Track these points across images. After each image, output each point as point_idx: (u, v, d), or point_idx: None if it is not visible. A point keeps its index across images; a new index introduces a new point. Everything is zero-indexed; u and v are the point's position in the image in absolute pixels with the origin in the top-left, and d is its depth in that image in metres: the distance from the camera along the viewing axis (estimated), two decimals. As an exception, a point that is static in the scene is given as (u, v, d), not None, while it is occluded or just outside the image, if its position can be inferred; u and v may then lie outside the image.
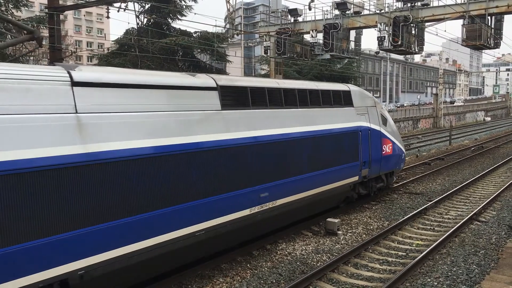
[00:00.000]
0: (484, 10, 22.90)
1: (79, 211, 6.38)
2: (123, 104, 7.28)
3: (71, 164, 6.30)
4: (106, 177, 6.72)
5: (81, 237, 6.42)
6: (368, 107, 14.46)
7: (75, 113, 6.58)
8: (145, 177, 7.25)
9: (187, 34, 25.89)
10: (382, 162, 14.77)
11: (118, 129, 7.07)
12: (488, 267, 9.58)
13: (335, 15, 27.73)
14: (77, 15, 77.75)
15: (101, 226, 6.64)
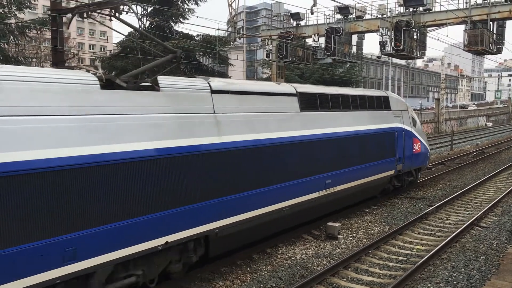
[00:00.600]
0: (486, 15, 22.94)
1: (217, 185, 8.55)
2: (240, 106, 9.48)
3: (213, 151, 8.53)
4: (232, 160, 8.90)
5: (217, 205, 8.60)
6: (402, 110, 16.56)
7: (213, 113, 8.77)
8: (256, 161, 9.46)
9: (189, 37, 25.96)
10: (412, 159, 16.80)
11: (239, 125, 9.25)
12: (488, 272, 9.55)
13: (337, 20, 27.79)
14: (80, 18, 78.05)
15: (230, 197, 8.84)
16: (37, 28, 20.56)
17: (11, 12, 19.61)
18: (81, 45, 73.98)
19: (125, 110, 7.18)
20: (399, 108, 16.42)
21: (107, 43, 60.85)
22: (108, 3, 8.99)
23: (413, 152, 16.75)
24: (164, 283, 8.49)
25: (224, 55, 29.46)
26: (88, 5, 9.63)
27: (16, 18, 20.33)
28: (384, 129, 14.82)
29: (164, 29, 25.51)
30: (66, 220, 6.19)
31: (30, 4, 20.68)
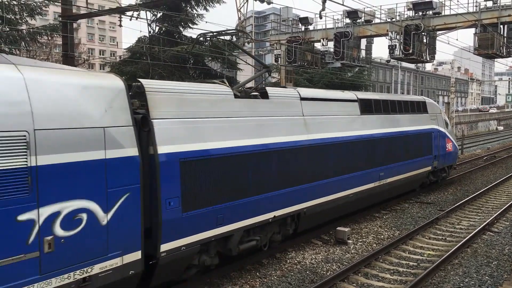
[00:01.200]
0: (497, 18, 22.75)
1: (306, 173, 10.76)
2: (319, 110, 11.73)
3: (304, 146, 10.76)
4: (316, 154, 11.12)
5: (306, 190, 10.81)
6: (437, 114, 18.77)
7: (302, 116, 11.06)
8: (331, 155, 11.68)
9: (198, 42, 26.06)
10: (445, 157, 18.94)
11: (319, 125, 11.46)
12: (500, 278, 9.45)
13: (346, 24, 27.74)
14: (90, 24, 78.77)
15: (315, 183, 11.07)
16: (48, 34, 20.76)
17: (23, 19, 19.85)
18: (91, 51, 74.63)
19: (250, 114, 9.55)
20: (435, 111, 18.65)
21: (117, 49, 61.31)
22: (116, 10, 9.11)
23: (446, 151, 18.93)
24: (175, 287, 8.50)
25: (233, 60, 29.49)
26: (97, 12, 9.73)
27: (27, 24, 20.57)
28: (423, 130, 17.09)
29: (173, 35, 25.63)
30: (220, 193, 8.52)
31: (41, 10, 20.89)
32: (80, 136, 6.29)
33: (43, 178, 5.84)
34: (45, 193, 5.86)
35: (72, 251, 6.19)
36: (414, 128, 16.37)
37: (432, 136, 17.60)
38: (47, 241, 5.89)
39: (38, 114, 5.84)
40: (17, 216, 5.61)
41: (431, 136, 17.54)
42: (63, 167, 6.08)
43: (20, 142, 5.62)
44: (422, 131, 16.92)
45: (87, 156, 6.34)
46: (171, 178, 7.60)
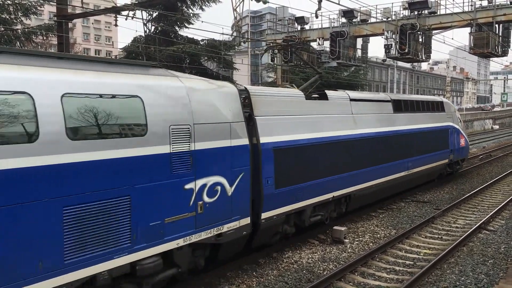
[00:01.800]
0: (492, 18, 22.84)
1: (355, 162, 12.87)
2: (363, 109, 13.74)
3: (353, 139, 12.87)
4: (362, 146, 13.23)
5: (356, 175, 12.88)
6: (452, 112, 20.73)
7: (351, 114, 13.14)
8: (373, 147, 13.78)
9: (194, 42, 25.99)
10: (459, 151, 20.93)
11: (364, 122, 13.55)
12: (497, 276, 9.48)
13: (341, 23, 27.78)
14: (85, 23, 78.53)
15: (361, 170, 13.14)
16: (43, 34, 20.67)
17: (18, 18, 19.75)
18: (87, 51, 74.42)
19: (317, 112, 11.68)
20: (450, 110, 20.67)
21: (113, 48, 61.17)
22: (112, 9, 9.16)
23: (460, 145, 20.92)
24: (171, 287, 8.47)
25: (229, 59, 29.47)
26: (93, 11, 9.75)
27: (22, 24, 20.47)
28: (441, 126, 19.11)
29: (169, 34, 25.59)
30: (298, 176, 10.59)
31: (36, 10, 20.80)
32: (217, 129, 8.44)
33: (197, 159, 7.95)
34: (198, 170, 7.98)
35: (212, 214, 8.31)
36: (434, 125, 18.39)
37: (448, 132, 19.69)
38: (199, 205, 8.03)
39: (195, 112, 7.98)
40: (184, 185, 7.72)
41: (448, 132, 19.61)
42: (208, 151, 8.17)
43: (186, 133, 7.75)
44: (440, 127, 18.98)
45: (221, 143, 8.49)
46: (268, 162, 9.75)
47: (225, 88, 9.09)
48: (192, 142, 7.83)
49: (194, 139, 7.88)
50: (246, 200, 9.12)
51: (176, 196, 7.59)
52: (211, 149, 8.24)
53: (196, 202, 7.93)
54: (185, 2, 26.19)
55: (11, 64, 5.96)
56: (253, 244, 9.91)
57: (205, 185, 8.10)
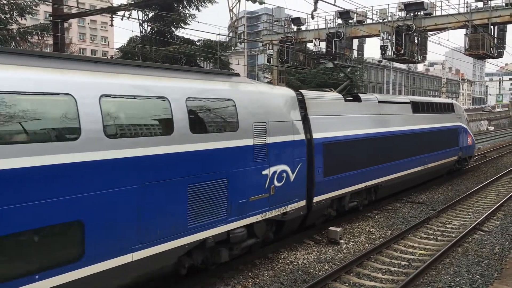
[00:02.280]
0: (487, 19, 22.93)
1: (382, 156, 14.64)
2: (388, 110, 15.63)
3: (381, 136, 14.69)
4: (389, 142, 15.06)
5: (383, 168, 14.73)
6: (461, 113, 22.54)
7: (379, 114, 14.95)
8: (399, 143, 15.72)
9: (190, 42, 25.96)
10: (467, 149, 22.80)
11: (389, 121, 15.40)
12: (491, 277, 9.52)
13: (338, 24, 27.82)
14: (81, 23, 78.30)
15: (387, 164, 14.99)
16: (39, 34, 20.60)
17: (13, 18, 19.67)
18: (82, 51, 74.23)
19: (353, 112, 13.60)
20: (459, 111, 22.44)
21: (108, 49, 61.04)
22: (108, 9, 9.20)
23: (468, 144, 22.73)
24: None
25: (226, 60, 29.45)
26: (88, 11, 9.77)
27: (17, 24, 20.39)
28: (452, 126, 20.88)
29: (165, 34, 25.54)
30: (340, 167, 12.41)
31: (32, 10, 20.71)
32: (283, 126, 10.28)
33: (270, 150, 9.76)
34: (271, 159, 9.79)
35: (280, 196, 10.10)
36: (446, 125, 20.16)
37: (458, 131, 21.44)
38: (271, 188, 9.83)
39: (268, 112, 9.86)
40: (262, 171, 9.55)
41: (457, 132, 21.38)
42: (277, 144, 9.97)
43: (263, 129, 9.63)
44: (451, 127, 20.78)
45: (286, 138, 10.31)
46: (319, 154, 11.61)
47: (286, 92, 11.07)
48: (267, 136, 9.73)
49: (268, 134, 9.79)
50: (303, 186, 11.02)
51: (257, 179, 9.48)
52: (279, 143, 10.14)
53: (270, 185, 9.80)
54: (181, 3, 26.14)
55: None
56: (306, 223, 11.85)
57: (275, 172, 9.94)
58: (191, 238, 8.00)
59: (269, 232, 10.39)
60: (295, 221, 11.07)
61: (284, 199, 10.26)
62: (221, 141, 8.58)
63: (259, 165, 9.46)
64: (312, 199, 11.44)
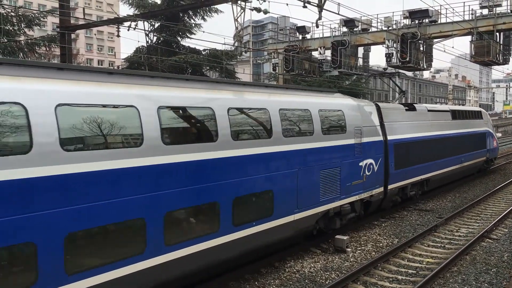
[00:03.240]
0: (492, 26, 22.92)
1: (432, 155, 17.76)
2: (434, 118, 18.64)
3: (431, 138, 17.93)
4: (437, 144, 18.10)
5: (432, 165, 17.89)
6: (488, 119, 25.83)
7: (429, 121, 18.13)
8: (443, 145, 18.80)
9: (196, 52, 26.14)
10: (493, 151, 26.01)
11: (436, 127, 18.48)
12: (500, 285, 9.43)
13: (343, 32, 27.90)
14: (88, 34, 78.96)
15: (435, 161, 18.09)
16: (46, 45, 20.80)
17: (21, 30, 19.88)
18: (89, 61, 74.81)
19: (410, 119, 16.78)
20: (486, 117, 25.68)
21: (115, 59, 61.46)
22: (114, 20, 9.29)
23: (493, 146, 25.91)
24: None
25: (231, 69, 29.59)
26: (95, 22, 9.87)
27: (25, 35, 20.61)
28: (481, 131, 23.99)
29: (171, 44, 25.74)
30: (404, 162, 15.53)
31: (40, 21, 20.94)
32: (371, 130, 13.62)
33: (363, 147, 13.03)
34: (364, 154, 13.04)
35: (369, 182, 13.41)
36: (476, 130, 23.21)
37: (486, 135, 24.53)
38: (364, 176, 13.08)
39: (363, 120, 13.25)
40: (359, 163, 12.83)
41: (485, 135, 24.45)
42: (367, 143, 13.29)
43: (359, 131, 12.89)
44: (480, 131, 23.89)
45: (372, 139, 13.63)
46: (391, 152, 14.88)
47: (370, 104, 14.59)
48: (362, 137, 12.98)
49: (362, 136, 13.05)
50: (382, 175, 14.34)
51: (356, 169, 12.78)
52: (369, 142, 13.47)
53: (363, 174, 13.10)
54: (187, 13, 26.35)
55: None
56: (382, 206, 15.12)
57: (366, 164, 13.22)
58: (322, 208, 11.44)
59: (361, 210, 13.59)
60: (377, 203, 14.44)
61: (371, 185, 13.61)
62: (337, 140, 11.97)
63: (357, 158, 12.79)
64: (387, 186, 14.73)
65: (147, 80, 7.93)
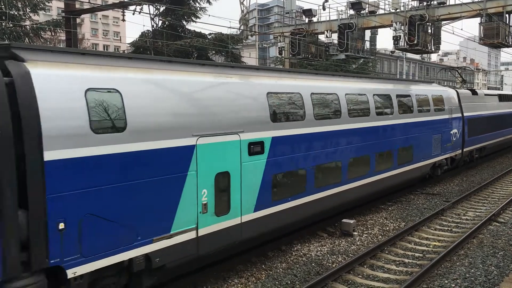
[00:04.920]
0: (502, 7, 22.52)
1: (487, 128, 23.31)
2: (488, 100, 24.54)
3: (486, 116, 23.34)
4: (489, 120, 23.66)
5: (487, 136, 23.46)
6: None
7: (485, 103, 23.65)
8: (493, 121, 24.28)
9: (201, 36, 25.99)
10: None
11: (489, 107, 23.86)
12: (507, 268, 9.43)
13: (350, 15, 27.56)
14: (93, 19, 78.68)
15: (488, 134, 23.55)
16: (52, 30, 20.78)
17: (26, 14, 19.84)
18: (95, 46, 74.65)
19: (474, 101, 21.80)
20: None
21: (121, 43, 61.25)
22: (119, 4, 9.22)
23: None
24: (178, 281, 8.54)
25: (237, 53, 29.42)
26: (100, 6, 9.79)
27: (30, 20, 20.58)
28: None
29: (176, 28, 25.58)
30: (473, 132, 21.23)
31: (45, 6, 20.87)
32: (456, 109, 19.11)
33: (452, 121, 18.69)
34: (453, 126, 18.76)
35: (455, 145, 19.09)
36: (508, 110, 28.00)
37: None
38: (452, 140, 18.83)
39: (452, 102, 18.96)
40: (450, 131, 18.55)
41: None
42: (454, 118, 18.84)
43: (451, 110, 18.65)
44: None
45: (456, 115, 19.15)
46: (466, 125, 19.83)
47: (454, 90, 20.04)
48: (452, 114, 18.50)
49: (451, 113, 18.50)
50: (460, 141, 19.50)
51: (449, 136, 18.17)
52: (455, 117, 18.84)
53: (452, 139, 18.37)
54: (192, -4, 26.12)
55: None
56: (459, 163, 20.39)
57: (453, 133, 18.51)
58: (433, 160, 17.15)
59: (449, 164, 19.02)
60: (457, 160, 19.75)
61: (455, 147, 19.05)
62: (440, 115, 17.60)
63: (449, 128, 18.24)
64: (463, 149, 19.94)
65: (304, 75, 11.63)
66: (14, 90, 5.71)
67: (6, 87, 5.67)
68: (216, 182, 8.11)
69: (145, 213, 7.06)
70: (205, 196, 7.94)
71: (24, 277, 5.84)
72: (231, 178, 8.47)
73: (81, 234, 6.30)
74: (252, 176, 9.00)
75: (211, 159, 8.03)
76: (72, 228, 6.21)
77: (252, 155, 8.96)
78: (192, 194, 7.72)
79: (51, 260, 6.02)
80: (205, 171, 7.93)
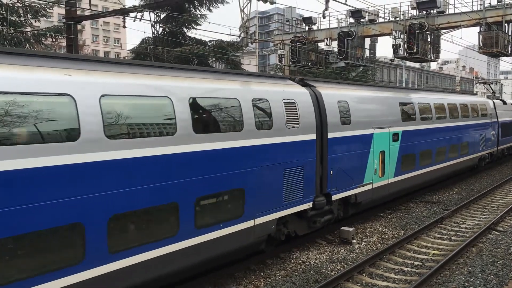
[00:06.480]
0: (501, 17, 22.67)
1: (503, 133, 27.37)
2: (508, 108, 28.84)
3: (502, 123, 27.18)
4: (505, 127, 26.81)
5: (502, 141, 27.32)
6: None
7: (511, 110, 28.91)
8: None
9: (201, 43, 26.07)
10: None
11: (507, 114, 27.82)
12: (506, 277, 9.40)
13: (349, 23, 27.71)
14: (94, 25, 78.97)
15: (505, 138, 27.63)
16: (52, 36, 20.83)
17: (27, 21, 19.89)
18: (95, 52, 74.85)
19: (504, 109, 27.05)
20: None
21: (121, 50, 61.39)
22: (120, 11, 9.23)
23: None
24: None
25: (237, 60, 29.49)
26: (101, 13, 9.81)
27: (32, 26, 20.63)
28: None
29: (177, 35, 25.67)
30: (503, 134, 26.05)
31: (46, 12, 20.93)
32: (493, 114, 23.89)
33: (490, 125, 23.57)
34: (492, 127, 23.90)
35: (490, 144, 23.48)
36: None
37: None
38: (491, 139, 23.53)
39: (490, 109, 23.82)
40: (490, 132, 23.44)
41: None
42: (492, 122, 23.76)
43: (490, 115, 23.62)
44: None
45: (494, 120, 23.90)
46: (499, 127, 24.83)
47: (490, 100, 23.94)
48: (491, 119, 23.21)
49: (491, 118, 23.30)
50: (496, 140, 23.36)
51: (490, 135, 22.77)
52: (493, 121, 23.37)
53: (491, 138, 22.90)
54: (193, 3, 26.26)
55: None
56: (495, 158, 24.56)
57: (492, 133, 22.82)
58: (481, 153, 21.47)
59: (489, 159, 23.32)
60: (494, 156, 23.81)
61: (493, 145, 23.17)
62: (485, 120, 21.85)
63: (489, 129, 22.33)
64: (498, 147, 24.09)
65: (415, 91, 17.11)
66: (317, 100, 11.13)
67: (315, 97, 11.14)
68: (380, 156, 13.35)
69: (357, 171, 12.39)
70: (376, 165, 13.16)
71: (319, 196, 11.00)
72: (385, 154, 13.69)
73: (337, 178, 11.52)
74: (393, 154, 14.20)
75: (378, 142, 13.23)
76: (334, 174, 11.40)
77: (394, 141, 14.17)
78: (371, 162, 12.97)
79: (328, 190, 11.30)
80: (376, 149, 13.16)
